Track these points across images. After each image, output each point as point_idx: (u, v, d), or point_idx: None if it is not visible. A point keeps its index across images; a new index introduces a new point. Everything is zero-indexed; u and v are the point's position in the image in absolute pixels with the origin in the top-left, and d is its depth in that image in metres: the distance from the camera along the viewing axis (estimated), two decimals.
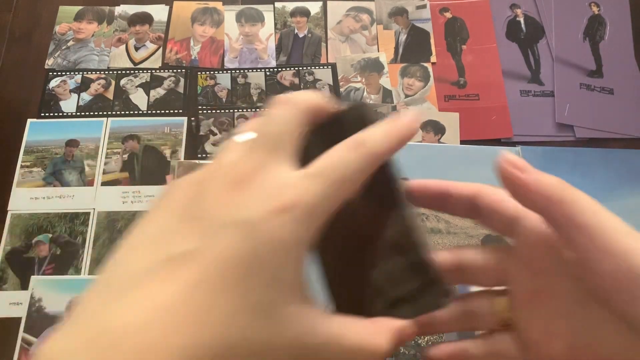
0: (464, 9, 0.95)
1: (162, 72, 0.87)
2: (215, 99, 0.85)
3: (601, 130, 0.84)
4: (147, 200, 0.76)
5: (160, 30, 0.91)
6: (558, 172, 0.85)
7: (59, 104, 0.84)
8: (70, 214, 0.75)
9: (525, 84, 0.88)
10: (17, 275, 0.71)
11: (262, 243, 0.22)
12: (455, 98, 0.87)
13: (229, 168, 0.24)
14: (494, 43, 0.92)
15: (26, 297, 0.69)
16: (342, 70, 0.88)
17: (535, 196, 0.28)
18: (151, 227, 0.24)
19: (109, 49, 0.89)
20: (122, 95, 0.85)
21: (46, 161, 0.79)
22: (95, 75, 0.86)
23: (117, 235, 0.73)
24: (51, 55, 0.88)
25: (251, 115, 0.84)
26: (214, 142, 0.81)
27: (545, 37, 0.93)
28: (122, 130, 0.82)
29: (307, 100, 0.27)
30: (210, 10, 0.94)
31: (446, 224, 0.75)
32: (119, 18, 0.92)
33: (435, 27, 0.93)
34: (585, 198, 0.28)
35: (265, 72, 0.88)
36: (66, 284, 0.70)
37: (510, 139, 0.83)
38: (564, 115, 0.85)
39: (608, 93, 0.88)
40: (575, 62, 0.90)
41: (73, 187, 0.77)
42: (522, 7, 0.95)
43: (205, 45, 0.90)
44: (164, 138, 0.81)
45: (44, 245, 0.73)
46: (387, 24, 0.94)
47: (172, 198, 0.25)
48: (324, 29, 0.93)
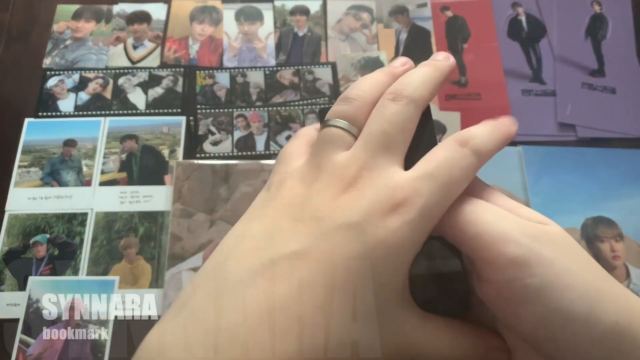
0: (465, 7, 0.95)
1: (161, 71, 0.87)
2: (214, 98, 0.85)
3: (603, 129, 0.84)
4: (145, 200, 0.76)
5: (158, 29, 0.91)
6: (560, 171, 0.85)
7: (56, 103, 0.83)
8: (68, 215, 0.74)
9: (527, 83, 0.88)
10: (14, 276, 0.70)
11: (375, 245, 0.21)
12: (456, 97, 0.86)
13: (339, 168, 0.24)
14: (495, 42, 0.91)
15: (24, 298, 0.68)
16: (342, 69, 0.88)
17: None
18: (259, 226, 0.24)
19: (107, 48, 0.89)
20: (120, 95, 0.84)
21: (44, 161, 0.79)
22: (93, 74, 0.86)
23: (115, 235, 0.73)
24: (49, 54, 0.88)
25: (250, 114, 0.83)
26: (213, 142, 0.81)
27: (547, 36, 0.92)
28: (120, 129, 0.81)
29: (424, 94, 0.26)
30: (209, 9, 0.93)
31: None
32: (117, 17, 0.92)
33: (436, 25, 0.93)
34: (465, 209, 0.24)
35: (264, 71, 0.87)
36: (64, 284, 0.70)
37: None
38: (566, 114, 0.84)
39: (610, 92, 0.87)
40: (577, 61, 0.90)
41: (71, 187, 0.77)
42: (524, 5, 0.95)
43: (204, 44, 0.90)
44: (162, 138, 0.81)
45: (41, 245, 0.72)
46: (387, 22, 0.93)
47: (281, 196, 0.24)
48: (324, 27, 0.92)
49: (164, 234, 0.73)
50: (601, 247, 0.72)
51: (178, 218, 0.73)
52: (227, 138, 0.81)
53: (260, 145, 0.81)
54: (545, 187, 0.76)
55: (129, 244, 0.72)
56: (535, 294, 0.21)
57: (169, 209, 0.74)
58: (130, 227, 0.73)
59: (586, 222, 0.74)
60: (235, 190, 0.75)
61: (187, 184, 0.75)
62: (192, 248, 0.71)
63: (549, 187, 0.76)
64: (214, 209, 0.74)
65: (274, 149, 0.80)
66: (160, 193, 0.76)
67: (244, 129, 0.82)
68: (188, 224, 0.73)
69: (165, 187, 0.76)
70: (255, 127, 0.82)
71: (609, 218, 0.74)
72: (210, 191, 0.75)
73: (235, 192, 0.75)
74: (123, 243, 0.72)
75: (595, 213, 0.74)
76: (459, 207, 0.24)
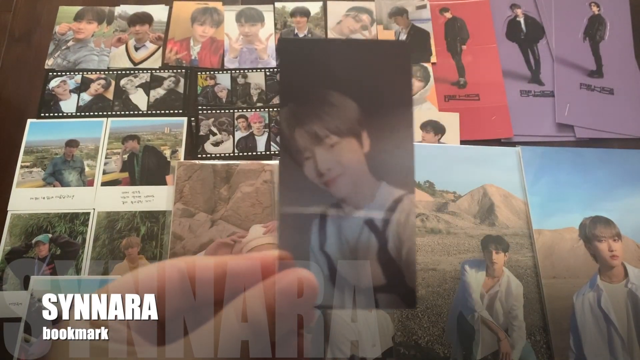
0: (464, 9, 0.95)
1: (162, 72, 0.87)
2: (215, 99, 0.85)
3: (601, 130, 0.84)
4: (147, 200, 0.76)
5: (160, 31, 0.91)
6: (558, 172, 0.86)
7: (58, 104, 0.84)
8: (70, 214, 0.75)
9: (526, 84, 0.88)
10: (17, 276, 0.71)
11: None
12: (455, 98, 0.87)
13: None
14: (494, 43, 0.92)
15: (26, 297, 0.69)
16: None
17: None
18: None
19: (108, 49, 0.89)
20: (122, 96, 0.85)
21: (46, 161, 0.79)
22: (95, 75, 0.86)
23: (116, 235, 0.73)
24: (51, 55, 0.88)
25: (251, 115, 0.84)
26: (214, 142, 0.81)
27: (546, 37, 0.93)
28: (122, 130, 0.82)
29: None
30: (210, 10, 0.94)
31: (446, 224, 0.75)
32: (118, 18, 0.92)
33: (435, 27, 0.93)
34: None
35: (265, 72, 0.88)
36: (66, 284, 0.70)
37: (510, 139, 0.83)
38: (564, 115, 0.85)
39: (608, 93, 0.88)
40: (575, 62, 0.90)
41: (73, 187, 0.77)
42: (522, 7, 0.95)
43: (205, 45, 0.90)
44: (163, 138, 0.81)
45: (43, 245, 0.73)
46: (387, 24, 0.94)
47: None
48: (324, 29, 0.93)
49: (165, 233, 0.73)
50: (599, 247, 0.73)
51: (179, 218, 0.73)
52: (228, 138, 0.81)
53: (261, 146, 0.81)
54: (544, 187, 0.77)
55: (131, 244, 0.73)
56: None
57: (171, 209, 0.74)
58: (131, 227, 0.74)
59: (584, 222, 0.74)
60: (236, 190, 0.76)
61: (188, 184, 0.76)
62: (194, 247, 0.71)
63: (548, 187, 0.77)
64: (215, 209, 0.74)
65: (275, 150, 0.81)
66: (162, 193, 0.77)
67: (245, 130, 0.82)
68: (189, 223, 0.73)
69: (167, 187, 0.77)
70: (256, 127, 0.83)
71: (607, 218, 0.74)
72: (211, 191, 0.76)
73: (236, 192, 0.75)
74: (125, 243, 0.73)
75: (594, 213, 0.75)
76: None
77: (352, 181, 0.31)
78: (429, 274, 0.71)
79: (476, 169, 0.77)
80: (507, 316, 0.69)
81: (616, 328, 0.68)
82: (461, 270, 0.71)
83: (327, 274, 0.30)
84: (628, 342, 0.67)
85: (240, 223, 0.73)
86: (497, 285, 0.71)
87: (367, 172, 0.31)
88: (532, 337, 0.68)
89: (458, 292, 0.70)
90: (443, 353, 0.67)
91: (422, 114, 0.84)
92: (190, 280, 0.26)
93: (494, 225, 0.75)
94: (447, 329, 0.68)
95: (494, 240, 0.74)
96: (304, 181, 0.30)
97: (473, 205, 0.76)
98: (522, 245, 0.74)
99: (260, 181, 0.76)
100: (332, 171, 0.30)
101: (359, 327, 0.67)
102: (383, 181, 0.30)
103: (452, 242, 0.74)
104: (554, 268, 0.72)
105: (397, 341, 0.67)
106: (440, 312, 0.69)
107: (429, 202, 0.76)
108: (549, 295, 0.70)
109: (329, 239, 0.30)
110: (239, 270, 0.26)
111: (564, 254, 0.73)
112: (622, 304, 0.69)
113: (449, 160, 0.78)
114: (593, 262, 0.72)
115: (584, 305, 0.69)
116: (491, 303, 0.70)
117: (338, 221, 0.30)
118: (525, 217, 0.75)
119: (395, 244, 0.30)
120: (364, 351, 0.66)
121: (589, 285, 0.70)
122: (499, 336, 0.68)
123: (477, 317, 0.69)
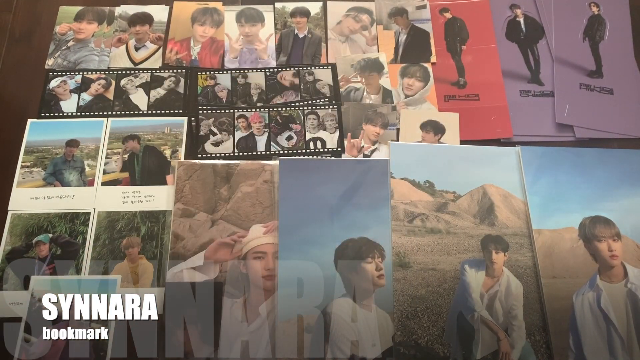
0: (464, 9, 0.95)
1: (162, 72, 0.87)
2: (215, 99, 0.85)
3: (601, 130, 0.84)
4: (147, 200, 0.76)
5: (160, 31, 0.92)
6: (558, 172, 0.86)
7: (59, 104, 0.84)
8: (70, 214, 0.75)
9: (525, 84, 0.89)
10: (17, 276, 0.71)
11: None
12: (455, 98, 0.87)
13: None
14: (493, 43, 0.92)
15: (26, 297, 0.69)
16: (342, 71, 0.89)
17: None
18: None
19: (109, 49, 0.89)
20: (122, 96, 0.85)
21: (46, 161, 0.79)
22: (95, 75, 0.86)
23: (117, 235, 0.73)
24: (51, 55, 0.88)
25: (251, 115, 0.84)
26: (214, 142, 0.81)
27: (545, 37, 0.93)
28: (123, 130, 0.82)
29: None
30: (211, 11, 0.94)
31: (446, 224, 0.75)
32: (119, 18, 0.93)
33: (435, 27, 0.94)
34: None
35: (265, 72, 0.88)
36: (66, 284, 0.70)
37: (510, 139, 0.83)
38: (564, 115, 0.85)
39: (608, 93, 0.88)
40: (575, 62, 0.90)
41: (73, 187, 0.77)
42: (522, 7, 0.96)
43: (205, 46, 0.90)
44: (164, 138, 0.81)
45: (44, 245, 0.73)
46: (387, 24, 0.94)
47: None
48: (324, 29, 0.93)
49: (165, 233, 0.74)
50: (599, 247, 0.73)
51: (179, 218, 0.73)
52: (228, 138, 0.82)
53: (261, 146, 0.81)
54: (544, 187, 0.77)
55: (131, 244, 0.73)
56: None
57: (171, 209, 0.75)
58: (132, 227, 0.74)
59: (584, 222, 0.74)
60: (236, 190, 0.76)
61: (188, 184, 0.76)
62: (194, 247, 0.71)
63: (547, 187, 0.77)
64: (215, 209, 0.75)
65: (275, 150, 0.81)
66: (162, 193, 0.77)
67: (245, 130, 0.82)
68: (189, 223, 0.73)
69: (167, 187, 0.77)
70: (256, 127, 0.83)
71: (607, 218, 0.74)
72: (212, 191, 0.76)
73: (237, 192, 0.76)
74: (125, 242, 0.73)
75: (593, 213, 0.75)
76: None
77: None
78: (428, 273, 0.72)
79: (476, 169, 0.77)
80: (507, 316, 0.69)
81: (616, 328, 0.68)
82: (461, 270, 0.71)
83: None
84: (627, 342, 0.67)
85: (241, 223, 0.73)
86: (497, 285, 0.71)
87: None
88: (532, 336, 0.68)
89: (458, 292, 0.70)
90: (443, 353, 0.67)
91: (422, 114, 0.84)
92: None
93: (494, 225, 0.75)
94: (447, 328, 0.68)
95: (493, 240, 0.74)
96: None
97: (473, 205, 0.76)
98: (522, 245, 0.74)
99: (261, 181, 0.76)
100: None
101: (358, 327, 0.67)
102: None
103: (452, 242, 0.74)
104: (554, 268, 0.72)
105: (397, 341, 0.67)
106: (440, 312, 0.69)
107: (428, 202, 0.76)
108: (549, 295, 0.70)
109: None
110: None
111: (564, 253, 0.73)
112: (622, 303, 0.69)
113: (449, 160, 0.78)
114: (593, 262, 0.72)
115: (584, 305, 0.69)
116: (491, 303, 0.70)
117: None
118: (524, 217, 0.75)
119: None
120: (363, 351, 0.66)
121: (588, 285, 0.71)
122: (499, 336, 0.68)
123: (476, 316, 0.69)
